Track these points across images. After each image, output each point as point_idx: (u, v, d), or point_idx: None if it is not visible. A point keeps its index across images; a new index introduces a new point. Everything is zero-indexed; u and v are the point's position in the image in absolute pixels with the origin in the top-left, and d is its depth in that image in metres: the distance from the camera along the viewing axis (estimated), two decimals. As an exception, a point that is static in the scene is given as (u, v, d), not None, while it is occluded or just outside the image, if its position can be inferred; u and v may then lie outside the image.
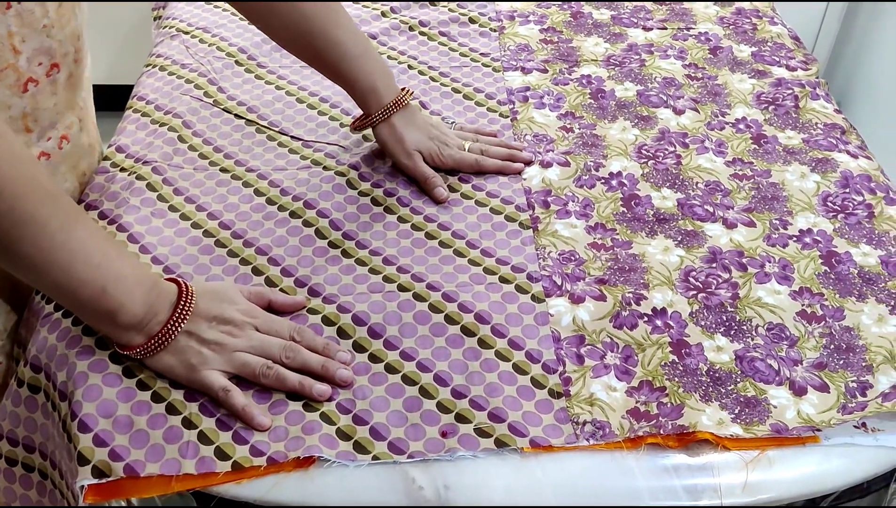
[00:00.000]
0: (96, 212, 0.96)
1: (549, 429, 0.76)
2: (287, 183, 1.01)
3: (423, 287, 0.88)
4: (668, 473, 0.74)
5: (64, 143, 0.91)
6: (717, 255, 0.92)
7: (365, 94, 1.02)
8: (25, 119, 0.84)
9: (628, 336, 0.84)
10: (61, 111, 0.89)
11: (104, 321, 0.76)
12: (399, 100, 1.02)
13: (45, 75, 0.84)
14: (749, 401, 0.79)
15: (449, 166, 1.03)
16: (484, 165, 1.03)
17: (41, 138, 0.88)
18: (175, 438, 0.75)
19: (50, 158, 0.90)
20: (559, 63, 1.23)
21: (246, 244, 0.93)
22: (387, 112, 1.01)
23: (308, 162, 1.04)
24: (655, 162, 1.05)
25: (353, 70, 1.01)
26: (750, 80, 1.20)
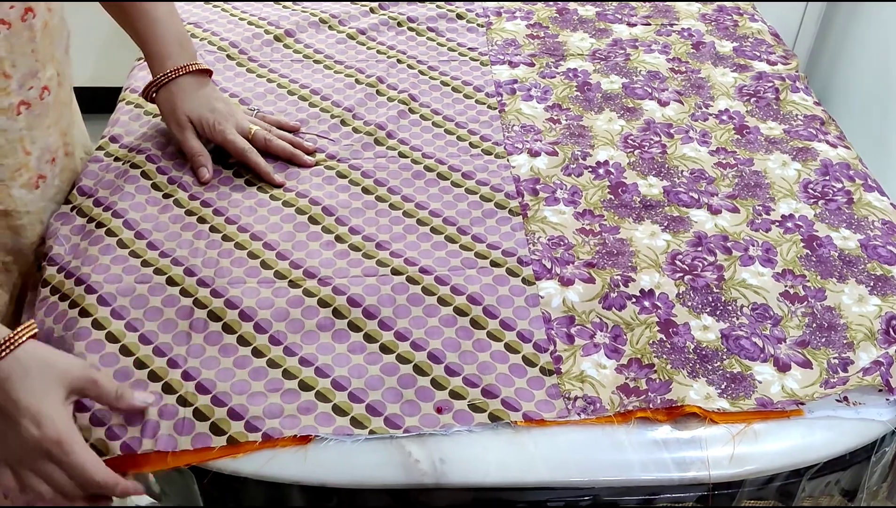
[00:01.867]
0: (91, 200, 0.97)
1: (542, 404, 0.78)
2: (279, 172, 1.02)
3: (416, 271, 0.90)
4: (657, 446, 0.76)
5: (45, 94, 0.91)
6: (703, 239, 0.95)
7: (152, 58, 1.02)
8: (2, 63, 0.83)
9: (617, 317, 0.86)
10: (41, 60, 0.89)
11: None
12: (184, 67, 1.01)
13: (20, 19, 0.84)
14: (735, 377, 0.81)
15: (217, 142, 1.02)
16: (249, 158, 1.02)
17: (22, 86, 0.87)
18: (170, 415, 0.77)
19: (31, 108, 0.89)
20: (546, 57, 1.26)
21: (240, 230, 0.94)
22: (166, 77, 1.01)
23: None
24: (641, 151, 1.07)
25: (148, 33, 1.01)
26: (732, 73, 1.23)
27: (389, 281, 0.89)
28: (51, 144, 0.95)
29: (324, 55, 1.26)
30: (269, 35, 1.28)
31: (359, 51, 1.27)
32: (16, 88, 0.86)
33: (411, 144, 1.08)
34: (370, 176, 1.03)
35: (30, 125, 0.89)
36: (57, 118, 0.96)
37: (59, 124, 0.97)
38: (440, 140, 1.09)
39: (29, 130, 0.89)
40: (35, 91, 0.89)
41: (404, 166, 1.04)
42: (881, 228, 0.97)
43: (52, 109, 0.94)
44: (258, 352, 0.82)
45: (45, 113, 0.92)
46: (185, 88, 1.01)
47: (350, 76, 1.20)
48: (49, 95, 0.92)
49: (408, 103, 1.15)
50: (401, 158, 1.06)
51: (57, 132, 0.96)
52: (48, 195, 0.96)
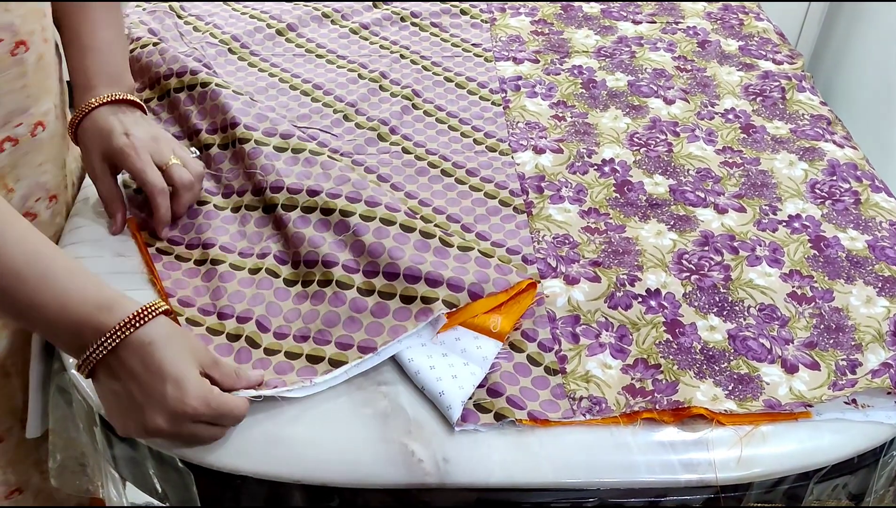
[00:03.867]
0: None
1: (546, 404, 0.77)
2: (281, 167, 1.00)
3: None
4: (664, 448, 0.75)
5: (39, 130, 0.86)
6: (710, 239, 0.94)
7: (77, 91, 0.92)
8: None
9: (623, 316, 0.85)
10: (34, 95, 0.84)
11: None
12: (106, 97, 0.91)
13: (9, 54, 0.79)
14: (742, 378, 0.80)
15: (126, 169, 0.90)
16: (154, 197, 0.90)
17: (7, 123, 0.82)
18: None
19: (17, 145, 0.84)
20: (550, 54, 1.25)
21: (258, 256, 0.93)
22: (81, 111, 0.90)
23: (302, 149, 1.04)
24: (647, 149, 1.06)
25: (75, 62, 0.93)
26: (738, 72, 1.22)
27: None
28: (45, 182, 0.90)
29: (326, 50, 1.24)
30: (272, 29, 1.27)
31: (362, 46, 1.26)
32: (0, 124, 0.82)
33: (415, 140, 1.07)
34: (373, 171, 1.02)
35: (14, 163, 0.85)
36: (55, 153, 0.91)
37: (58, 160, 0.92)
38: (444, 136, 1.08)
39: (13, 168, 0.85)
40: (25, 127, 0.84)
41: (408, 163, 1.03)
42: (889, 229, 0.96)
43: (49, 144, 0.89)
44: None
45: (36, 150, 0.87)
46: (97, 120, 0.90)
47: (353, 71, 1.19)
48: (44, 131, 0.87)
49: (411, 99, 1.14)
50: (404, 154, 1.05)
51: (55, 168, 0.92)
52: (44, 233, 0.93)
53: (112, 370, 0.70)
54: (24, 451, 0.99)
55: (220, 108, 1.03)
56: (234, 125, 1.01)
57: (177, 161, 0.91)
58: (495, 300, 0.84)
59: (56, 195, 0.93)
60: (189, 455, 0.74)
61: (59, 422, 0.89)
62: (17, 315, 0.73)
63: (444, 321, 0.82)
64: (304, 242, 0.88)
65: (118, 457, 0.82)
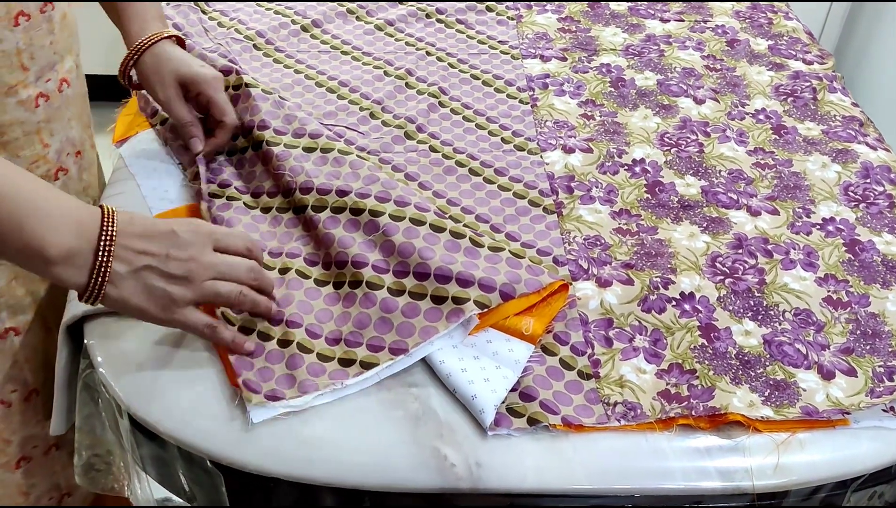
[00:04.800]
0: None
1: (580, 409, 0.76)
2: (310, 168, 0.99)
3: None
4: (700, 454, 0.74)
5: (65, 86, 0.90)
6: (743, 241, 0.92)
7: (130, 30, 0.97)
8: (20, 55, 0.82)
9: (657, 320, 0.84)
10: (60, 52, 0.88)
11: (35, 261, 0.69)
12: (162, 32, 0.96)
13: (39, 11, 0.82)
14: (778, 384, 0.79)
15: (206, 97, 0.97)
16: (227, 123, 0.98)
17: (39, 78, 0.86)
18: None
19: (49, 101, 0.87)
20: (578, 52, 1.23)
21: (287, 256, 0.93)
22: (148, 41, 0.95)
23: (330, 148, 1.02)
24: (678, 150, 1.05)
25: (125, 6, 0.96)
26: (768, 72, 1.21)
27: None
28: (73, 137, 0.94)
29: (351, 46, 1.23)
30: (296, 25, 1.26)
31: (387, 42, 1.25)
32: (33, 80, 0.85)
33: (442, 138, 1.06)
34: (401, 170, 1.01)
35: (48, 117, 0.88)
36: (79, 111, 0.95)
37: (81, 118, 0.96)
38: (471, 135, 1.07)
39: (47, 123, 0.88)
40: (53, 83, 0.88)
41: (435, 161, 1.02)
42: (925, 233, 0.95)
43: (73, 101, 0.93)
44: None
45: (64, 105, 0.91)
46: (168, 51, 0.96)
47: (378, 68, 1.18)
48: (69, 88, 0.91)
49: (438, 97, 1.13)
50: (432, 152, 1.04)
51: (80, 125, 0.95)
52: (74, 189, 0.94)
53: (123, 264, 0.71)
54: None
55: (250, 109, 1.02)
56: (264, 127, 1.00)
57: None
58: (527, 301, 0.83)
59: (81, 151, 0.96)
60: (219, 456, 0.73)
61: (86, 420, 0.88)
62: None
63: (476, 322, 0.81)
64: (333, 242, 0.87)
65: (146, 456, 0.81)
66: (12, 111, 0.85)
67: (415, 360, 0.79)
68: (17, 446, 0.97)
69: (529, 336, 0.81)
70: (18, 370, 0.93)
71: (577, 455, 0.74)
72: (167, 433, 0.75)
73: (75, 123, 0.94)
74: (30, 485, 0.99)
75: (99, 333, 0.82)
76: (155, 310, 0.73)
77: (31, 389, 0.95)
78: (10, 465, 0.97)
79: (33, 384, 0.95)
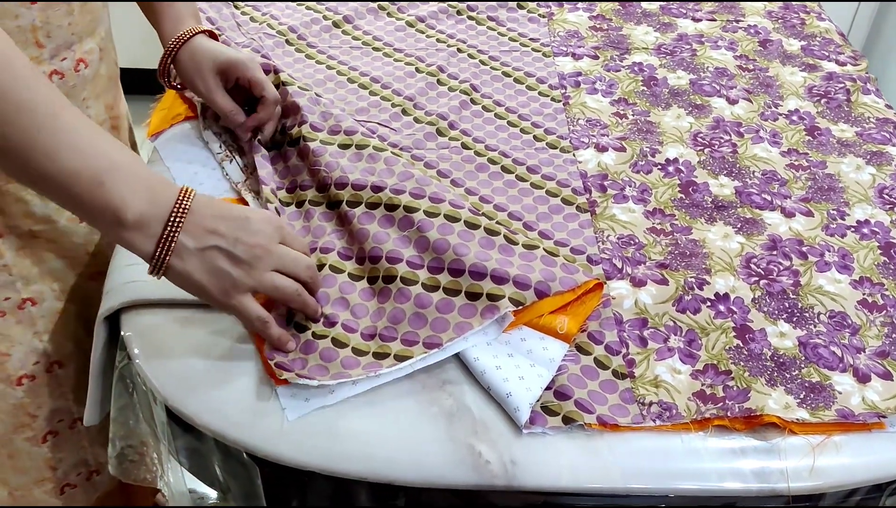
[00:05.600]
0: None
1: (615, 409, 0.76)
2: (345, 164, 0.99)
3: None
4: (735, 455, 0.74)
5: (82, 66, 0.90)
6: (778, 243, 0.92)
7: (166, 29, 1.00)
8: (35, 32, 0.83)
9: (691, 320, 0.84)
10: (79, 34, 0.89)
11: (109, 221, 0.69)
12: (198, 27, 0.99)
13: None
14: (814, 387, 0.79)
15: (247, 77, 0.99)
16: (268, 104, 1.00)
17: (54, 56, 0.86)
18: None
19: (64, 78, 0.88)
20: (610, 50, 1.23)
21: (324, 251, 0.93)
22: (186, 35, 0.97)
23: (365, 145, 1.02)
24: (711, 150, 1.05)
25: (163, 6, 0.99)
26: (801, 73, 1.20)
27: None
28: (90, 117, 0.93)
29: (383, 42, 1.24)
30: (328, 21, 1.27)
31: (418, 39, 1.25)
32: (48, 57, 0.86)
33: (474, 135, 1.06)
34: (433, 167, 1.01)
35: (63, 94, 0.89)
36: (98, 92, 0.96)
37: (101, 98, 0.97)
38: (503, 132, 1.07)
39: None
40: (69, 62, 0.88)
41: (468, 159, 1.02)
42: (961, 237, 0.94)
43: (92, 82, 0.93)
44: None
45: (80, 85, 0.91)
46: (203, 45, 0.98)
47: (410, 65, 1.18)
48: (86, 69, 0.91)
49: (469, 94, 1.13)
50: (464, 149, 1.04)
51: (99, 106, 0.96)
52: None
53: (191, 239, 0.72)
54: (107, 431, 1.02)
55: (287, 106, 1.03)
56: (301, 123, 1.00)
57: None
58: (562, 300, 0.83)
59: None
60: (256, 448, 0.74)
61: (120, 411, 0.89)
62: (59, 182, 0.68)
63: (511, 319, 0.81)
64: (368, 238, 0.87)
65: (181, 448, 0.82)
66: None
67: (448, 354, 0.79)
68: (44, 420, 0.98)
69: (564, 335, 0.81)
70: (39, 340, 0.94)
71: (612, 455, 0.74)
72: (204, 426, 0.75)
73: (93, 103, 0.95)
74: (57, 459, 1.00)
75: (136, 325, 0.83)
76: (215, 290, 0.74)
77: (53, 360, 0.96)
78: (38, 439, 0.98)
79: (55, 356, 0.96)
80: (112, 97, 1.00)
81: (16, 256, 0.90)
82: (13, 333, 0.92)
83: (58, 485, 1.02)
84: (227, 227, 0.73)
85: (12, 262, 0.89)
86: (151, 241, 0.71)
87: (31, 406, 0.96)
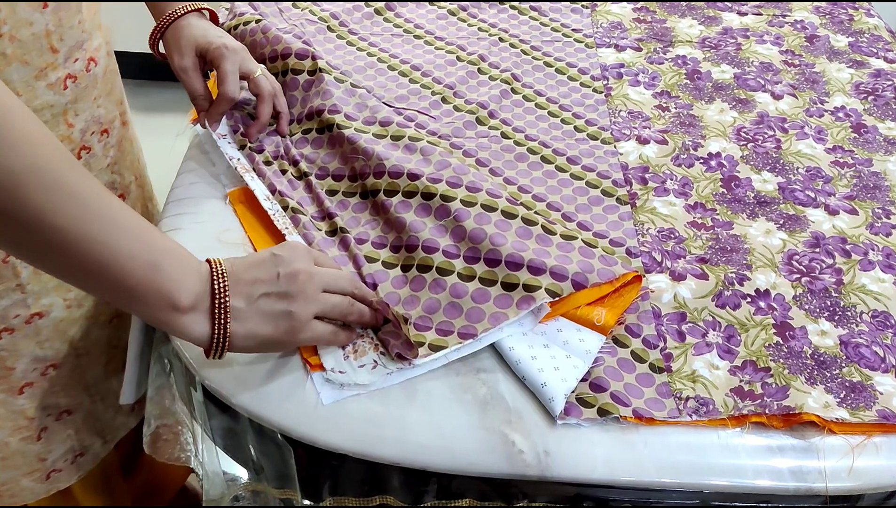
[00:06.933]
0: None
1: (651, 402, 0.75)
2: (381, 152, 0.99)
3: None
4: (772, 453, 0.73)
5: (92, 65, 0.89)
6: (821, 240, 0.91)
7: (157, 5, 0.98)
8: (49, 37, 0.81)
9: (731, 316, 0.83)
10: (88, 30, 0.87)
11: (162, 307, 0.66)
12: (190, 5, 0.97)
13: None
14: (855, 386, 0.77)
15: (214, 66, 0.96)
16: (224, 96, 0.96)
17: (68, 59, 0.85)
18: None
19: (77, 81, 0.87)
20: (653, 42, 1.22)
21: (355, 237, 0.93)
22: (174, 14, 0.96)
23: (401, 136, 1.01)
24: (755, 145, 1.03)
25: None
26: (848, 69, 1.18)
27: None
28: (101, 116, 0.93)
29: (424, 30, 1.23)
30: (370, 8, 1.27)
31: (459, 27, 1.25)
32: (62, 61, 0.84)
33: (514, 125, 1.06)
34: (472, 155, 1.00)
35: (75, 98, 0.88)
36: (108, 89, 0.95)
37: (111, 95, 0.96)
38: (543, 122, 1.07)
39: (73, 103, 0.88)
40: (81, 63, 0.87)
41: (507, 148, 1.02)
42: None
43: (101, 80, 0.92)
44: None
45: (92, 85, 0.90)
46: (192, 23, 0.96)
47: (451, 53, 1.18)
48: (96, 67, 0.90)
49: (510, 83, 1.12)
50: (503, 138, 1.03)
51: (110, 103, 0.95)
52: (97, 167, 0.95)
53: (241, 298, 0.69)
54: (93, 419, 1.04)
55: (321, 93, 1.03)
56: (335, 112, 1.00)
57: (261, 73, 0.99)
58: (599, 292, 0.82)
59: (107, 129, 0.96)
60: (290, 430, 0.74)
61: (157, 391, 0.90)
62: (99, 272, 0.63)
63: (547, 310, 0.81)
64: (404, 226, 0.87)
65: (216, 427, 0.82)
66: (42, 95, 0.84)
67: (483, 345, 0.79)
68: (38, 419, 0.99)
69: (601, 327, 0.81)
70: (40, 348, 0.94)
71: (647, 448, 0.73)
72: (240, 406, 0.76)
73: (103, 101, 0.94)
74: (47, 451, 1.01)
75: (174, 304, 0.83)
76: (283, 335, 0.71)
77: (50, 364, 0.96)
78: (33, 438, 0.99)
79: (52, 360, 0.96)
80: (120, 91, 1.00)
81: (32, 274, 0.90)
82: (20, 347, 0.92)
83: (45, 472, 1.02)
84: (263, 272, 0.71)
85: (27, 280, 0.89)
86: (205, 318, 0.68)
87: (29, 410, 0.97)
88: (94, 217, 0.61)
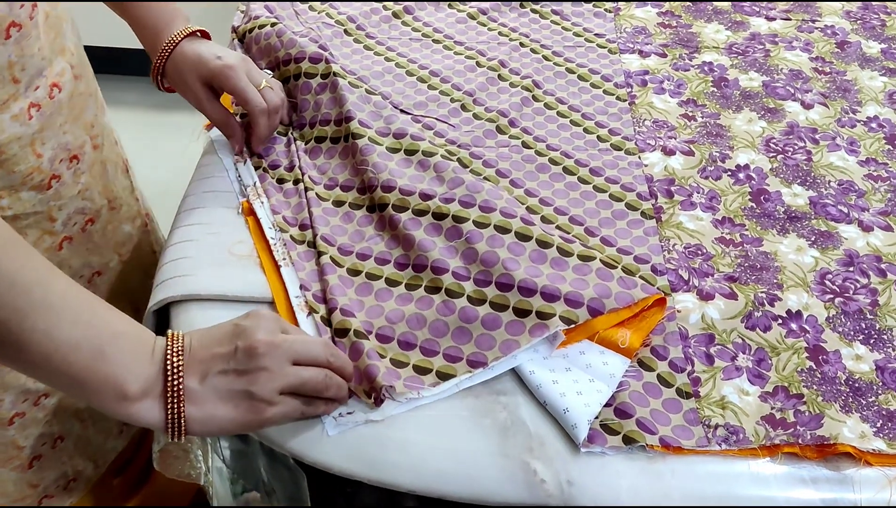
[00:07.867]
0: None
1: (679, 430, 0.72)
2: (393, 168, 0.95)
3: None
4: (805, 484, 0.70)
5: (55, 91, 0.86)
6: (854, 258, 0.87)
7: (146, 39, 0.96)
8: (12, 68, 0.79)
9: (761, 338, 0.80)
10: (47, 57, 0.85)
11: (110, 397, 0.62)
12: (179, 34, 0.94)
13: (28, 18, 0.79)
14: (892, 415, 0.74)
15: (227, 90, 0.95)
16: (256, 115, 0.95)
17: (28, 88, 0.82)
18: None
19: (41, 109, 0.84)
20: (679, 48, 1.18)
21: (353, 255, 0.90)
22: (166, 51, 0.94)
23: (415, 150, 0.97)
24: (785, 157, 1.00)
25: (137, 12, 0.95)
26: (881, 77, 1.14)
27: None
28: (68, 142, 0.90)
29: (443, 35, 1.20)
30: (388, 11, 1.24)
31: (479, 32, 1.22)
32: (23, 91, 0.82)
33: (535, 134, 1.03)
34: (492, 166, 0.97)
35: (41, 127, 0.85)
36: (76, 114, 0.92)
37: (79, 120, 0.92)
38: (565, 131, 1.03)
39: (40, 133, 0.85)
40: (42, 90, 0.84)
41: (528, 158, 0.99)
42: None
43: (67, 105, 0.89)
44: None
45: (57, 111, 0.87)
46: (185, 54, 0.94)
47: (471, 58, 1.15)
48: (60, 92, 0.87)
49: (531, 90, 1.09)
50: (524, 148, 1.00)
51: (77, 128, 0.92)
52: (67, 194, 0.92)
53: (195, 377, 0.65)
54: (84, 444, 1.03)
55: (335, 100, 1.00)
56: (348, 119, 0.98)
57: (268, 84, 0.96)
58: (617, 317, 0.79)
59: (77, 155, 0.92)
60: (303, 455, 0.71)
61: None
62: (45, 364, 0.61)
63: (562, 338, 0.77)
64: (413, 245, 0.84)
65: (226, 449, 0.80)
66: (9, 128, 0.81)
67: (495, 374, 0.76)
68: (30, 448, 0.97)
69: (626, 349, 0.77)
70: (32, 382, 0.92)
71: (674, 478, 0.70)
72: (251, 429, 0.73)
73: (69, 126, 0.90)
74: (39, 478, 1.00)
75: (184, 320, 0.81)
76: (245, 416, 0.66)
77: (41, 394, 0.94)
78: (24, 467, 0.97)
79: (43, 390, 0.94)
80: (92, 115, 0.96)
81: None
82: (8, 380, 0.90)
83: (37, 498, 1.01)
84: (221, 346, 0.66)
85: None
86: (158, 402, 0.64)
87: (20, 440, 0.95)
88: (35, 306, 0.59)
